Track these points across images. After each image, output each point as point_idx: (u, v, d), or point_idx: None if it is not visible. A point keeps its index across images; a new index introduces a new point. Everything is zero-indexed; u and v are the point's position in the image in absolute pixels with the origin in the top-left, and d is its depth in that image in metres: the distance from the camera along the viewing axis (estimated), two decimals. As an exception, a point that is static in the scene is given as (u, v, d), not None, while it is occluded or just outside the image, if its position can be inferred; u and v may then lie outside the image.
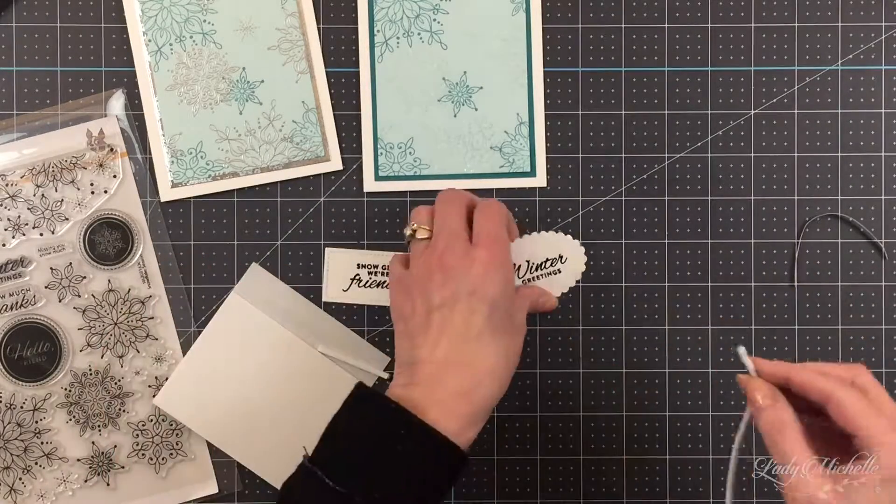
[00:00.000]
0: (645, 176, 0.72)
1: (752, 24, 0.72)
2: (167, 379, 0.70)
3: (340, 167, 0.72)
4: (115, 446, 0.70)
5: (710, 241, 0.72)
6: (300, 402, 0.70)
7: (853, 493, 0.49)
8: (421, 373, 0.57)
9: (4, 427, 0.70)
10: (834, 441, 0.52)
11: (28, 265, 0.70)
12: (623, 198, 0.72)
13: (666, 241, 0.72)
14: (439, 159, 0.72)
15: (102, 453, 0.70)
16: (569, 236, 0.64)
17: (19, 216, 0.70)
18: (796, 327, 0.72)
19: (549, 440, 0.71)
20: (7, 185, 0.70)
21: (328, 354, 0.70)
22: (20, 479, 0.70)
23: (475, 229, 0.59)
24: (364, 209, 0.72)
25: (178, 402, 0.70)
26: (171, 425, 0.71)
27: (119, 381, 0.70)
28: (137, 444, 0.71)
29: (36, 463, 0.70)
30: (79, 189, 0.70)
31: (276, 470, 0.70)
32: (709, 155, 0.72)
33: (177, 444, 0.71)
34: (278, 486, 0.70)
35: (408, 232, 0.61)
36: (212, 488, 0.71)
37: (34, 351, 0.70)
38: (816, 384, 0.52)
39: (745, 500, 0.71)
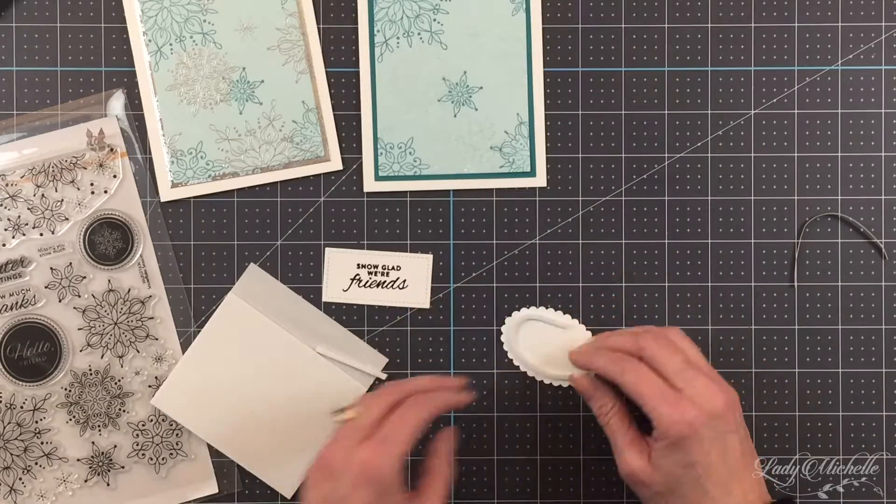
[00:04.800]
0: (645, 176, 0.72)
1: (752, 24, 0.72)
2: (166, 379, 0.70)
3: (340, 167, 0.72)
4: (115, 446, 0.70)
5: (710, 241, 0.72)
6: (298, 402, 0.70)
7: (659, 460, 0.58)
8: None
9: (4, 427, 0.70)
10: None
11: (28, 265, 0.70)
12: (623, 198, 0.72)
13: (666, 241, 0.72)
14: (439, 159, 0.72)
15: (102, 453, 0.70)
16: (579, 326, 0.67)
17: (19, 216, 0.70)
18: (796, 327, 0.72)
19: (549, 440, 0.71)
20: (7, 185, 0.70)
21: (326, 355, 0.70)
22: (20, 479, 0.70)
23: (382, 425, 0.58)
24: (364, 209, 0.72)
25: (176, 402, 0.70)
26: (171, 425, 0.71)
27: (119, 381, 0.70)
28: (137, 444, 0.71)
29: (36, 463, 0.70)
30: (79, 189, 0.70)
31: (273, 470, 0.70)
32: (709, 155, 0.72)
33: (177, 444, 0.71)
34: (275, 485, 0.71)
35: (338, 413, 0.61)
36: (212, 488, 0.71)
37: (34, 351, 0.70)
38: (605, 371, 0.60)
39: (745, 500, 0.71)
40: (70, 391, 0.70)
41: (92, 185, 0.71)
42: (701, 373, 0.58)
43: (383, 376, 0.71)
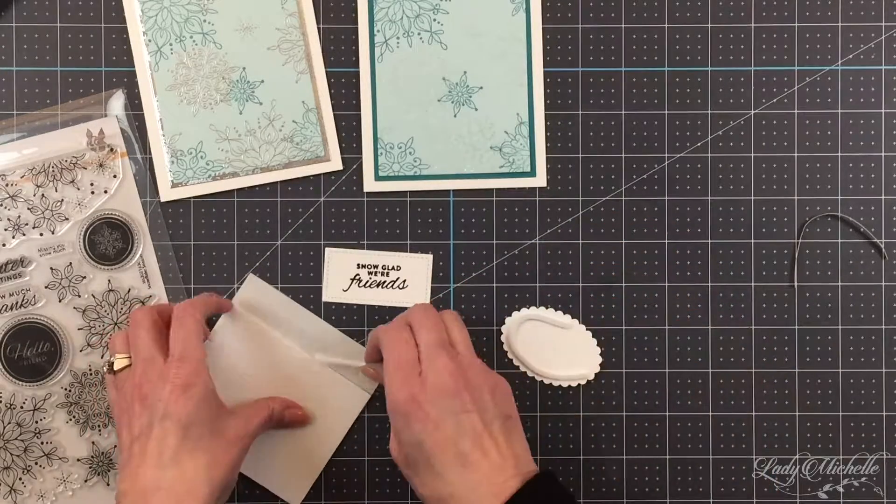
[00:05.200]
0: (645, 176, 0.72)
1: (752, 24, 0.72)
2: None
3: (340, 167, 0.72)
4: (115, 446, 0.70)
5: (710, 241, 0.72)
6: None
7: (397, 435, 0.59)
8: None
9: (4, 427, 0.70)
10: None
11: (28, 265, 0.70)
12: (623, 198, 0.72)
13: (666, 241, 0.72)
14: (439, 159, 0.72)
15: (102, 453, 0.70)
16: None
17: (19, 216, 0.70)
18: (796, 327, 0.72)
19: (549, 440, 0.71)
20: (7, 185, 0.70)
21: (326, 362, 0.70)
22: (20, 479, 0.70)
23: (170, 347, 0.61)
24: (364, 209, 0.72)
25: None
26: (171, 425, 0.71)
27: (119, 381, 0.70)
28: (137, 444, 0.70)
29: (36, 463, 0.70)
30: (79, 189, 0.70)
31: (278, 479, 0.70)
32: (709, 155, 0.72)
33: (177, 444, 0.71)
34: (281, 494, 0.71)
35: (105, 367, 0.63)
36: (212, 488, 0.71)
37: (34, 351, 0.70)
38: (377, 336, 0.62)
39: (745, 500, 0.71)
40: (70, 391, 0.70)
41: (92, 185, 0.71)
42: (446, 353, 0.58)
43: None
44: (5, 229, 0.70)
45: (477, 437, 0.56)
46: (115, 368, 0.62)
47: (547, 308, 0.71)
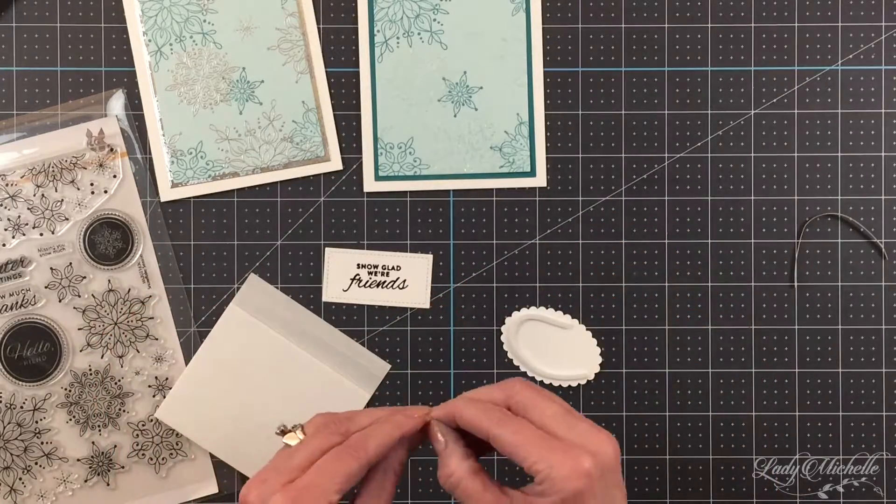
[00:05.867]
0: (645, 176, 0.72)
1: (752, 24, 0.72)
2: (167, 379, 0.70)
3: (340, 167, 0.72)
4: (115, 446, 0.70)
5: (710, 241, 0.72)
6: (301, 411, 0.70)
7: None
8: None
9: (4, 427, 0.70)
10: None
11: (28, 265, 0.70)
12: (623, 198, 0.72)
13: (666, 241, 0.72)
14: (439, 159, 0.72)
15: (102, 453, 0.70)
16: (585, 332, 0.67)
17: (19, 216, 0.70)
18: (796, 327, 0.72)
19: (549, 440, 0.71)
20: (7, 185, 0.70)
21: (328, 363, 0.70)
22: (20, 479, 0.70)
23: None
24: (364, 209, 0.72)
25: (181, 415, 0.70)
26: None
27: (119, 381, 0.70)
28: (137, 444, 0.71)
29: (36, 463, 0.70)
30: (79, 189, 0.70)
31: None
32: (709, 155, 0.72)
33: (177, 444, 0.71)
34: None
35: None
36: (212, 488, 0.71)
37: (34, 351, 0.70)
38: (475, 423, 0.50)
39: (745, 500, 0.71)
40: (70, 391, 0.70)
41: (92, 185, 0.71)
42: (581, 419, 0.49)
43: (387, 382, 0.71)
44: (5, 229, 0.70)
45: None
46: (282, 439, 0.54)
47: (547, 308, 0.71)
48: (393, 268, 0.71)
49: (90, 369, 0.70)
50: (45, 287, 0.70)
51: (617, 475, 0.49)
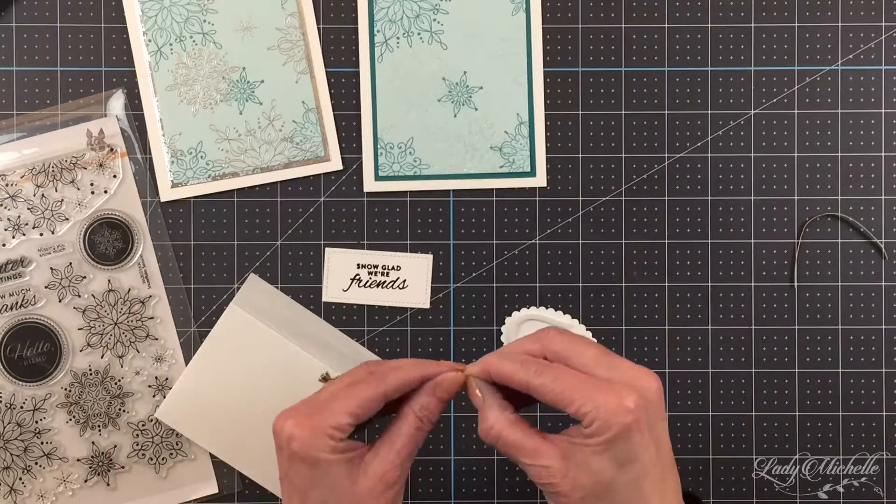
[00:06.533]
0: (645, 176, 0.72)
1: (752, 24, 0.72)
2: (167, 379, 0.70)
3: (340, 167, 0.72)
4: (115, 446, 0.70)
5: (710, 241, 0.72)
6: None
7: (588, 461, 0.48)
8: None
9: (4, 427, 0.70)
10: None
11: (28, 265, 0.70)
12: (623, 198, 0.72)
13: (666, 241, 0.72)
14: (439, 159, 0.72)
15: (102, 453, 0.70)
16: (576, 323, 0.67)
17: (19, 216, 0.70)
18: (796, 327, 0.72)
19: (549, 440, 0.71)
20: (7, 185, 0.70)
21: (328, 363, 0.70)
22: (20, 479, 0.70)
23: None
24: (364, 209, 0.72)
25: (181, 415, 0.70)
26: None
27: (119, 381, 0.70)
28: (137, 444, 0.71)
29: (36, 463, 0.70)
30: (79, 189, 0.70)
31: (277, 478, 0.70)
32: (709, 155, 0.72)
33: (177, 444, 0.71)
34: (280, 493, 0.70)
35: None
36: (212, 488, 0.71)
37: (34, 351, 0.70)
38: (514, 376, 0.50)
39: (745, 500, 0.71)
40: (70, 391, 0.70)
41: (92, 185, 0.71)
42: (621, 359, 0.50)
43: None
44: (5, 229, 0.70)
45: (668, 450, 0.50)
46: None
47: (547, 308, 0.71)
48: (393, 268, 0.71)
49: (90, 369, 0.70)
50: (45, 287, 0.70)
51: (661, 409, 0.49)
